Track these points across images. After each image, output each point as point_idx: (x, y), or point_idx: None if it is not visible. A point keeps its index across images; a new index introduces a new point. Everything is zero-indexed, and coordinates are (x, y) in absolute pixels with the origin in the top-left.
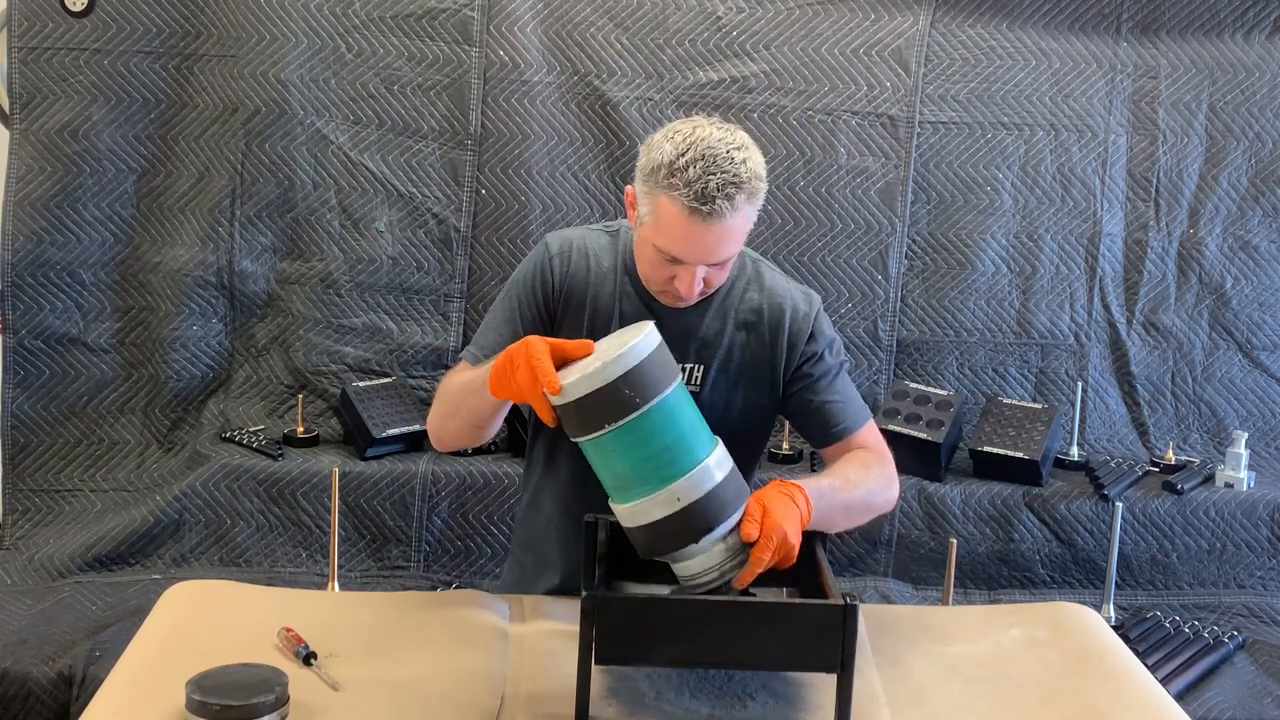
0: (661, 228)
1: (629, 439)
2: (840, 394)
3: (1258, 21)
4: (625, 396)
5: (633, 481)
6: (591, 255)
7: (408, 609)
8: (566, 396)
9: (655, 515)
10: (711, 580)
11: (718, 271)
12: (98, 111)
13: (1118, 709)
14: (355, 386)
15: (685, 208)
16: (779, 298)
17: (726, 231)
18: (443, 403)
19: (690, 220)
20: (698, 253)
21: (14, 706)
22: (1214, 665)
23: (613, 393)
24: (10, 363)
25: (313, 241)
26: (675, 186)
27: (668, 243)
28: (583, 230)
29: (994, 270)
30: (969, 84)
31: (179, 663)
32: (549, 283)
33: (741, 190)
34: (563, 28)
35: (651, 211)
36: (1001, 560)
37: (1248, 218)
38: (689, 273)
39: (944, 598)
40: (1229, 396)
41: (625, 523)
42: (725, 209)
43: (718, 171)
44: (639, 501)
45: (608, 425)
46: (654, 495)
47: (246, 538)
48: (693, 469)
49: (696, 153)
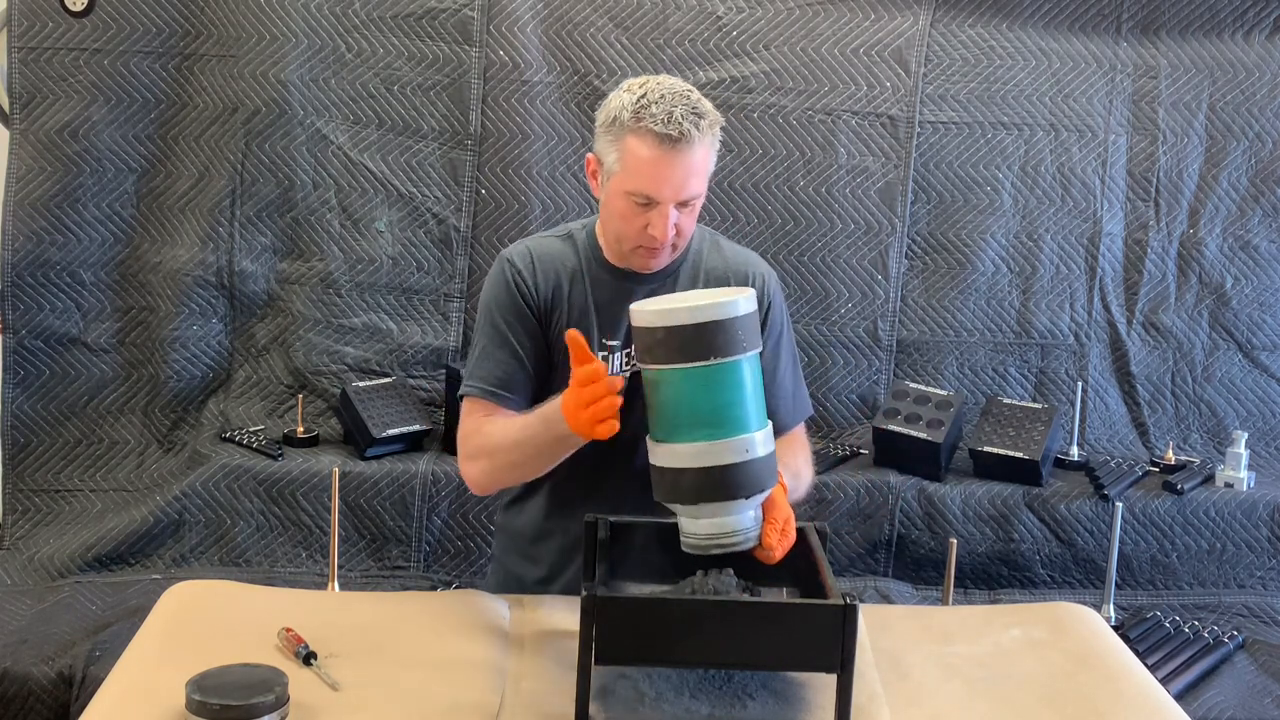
0: (631, 169)
1: (720, 378)
2: (786, 387)
3: (1258, 21)
4: (736, 337)
5: (697, 423)
6: (553, 258)
7: (408, 609)
8: (693, 318)
9: (702, 462)
10: (713, 547)
11: (687, 217)
12: (98, 111)
13: (1118, 709)
14: (355, 386)
15: (656, 137)
16: (743, 265)
17: (693, 163)
18: (495, 456)
19: (660, 150)
20: (669, 186)
21: (14, 706)
22: (1214, 665)
23: (728, 328)
24: (10, 363)
25: (313, 241)
26: (642, 120)
27: (639, 182)
28: (533, 239)
29: (994, 270)
30: (969, 84)
31: (179, 663)
32: (528, 293)
33: (703, 119)
34: (563, 28)
35: (620, 159)
36: (1001, 560)
37: (1248, 218)
38: (662, 214)
39: (944, 598)
40: (1229, 396)
41: (663, 461)
42: (692, 134)
43: (680, 104)
44: (674, 446)
45: (713, 358)
46: (709, 443)
47: (246, 538)
48: (753, 432)
49: (656, 94)
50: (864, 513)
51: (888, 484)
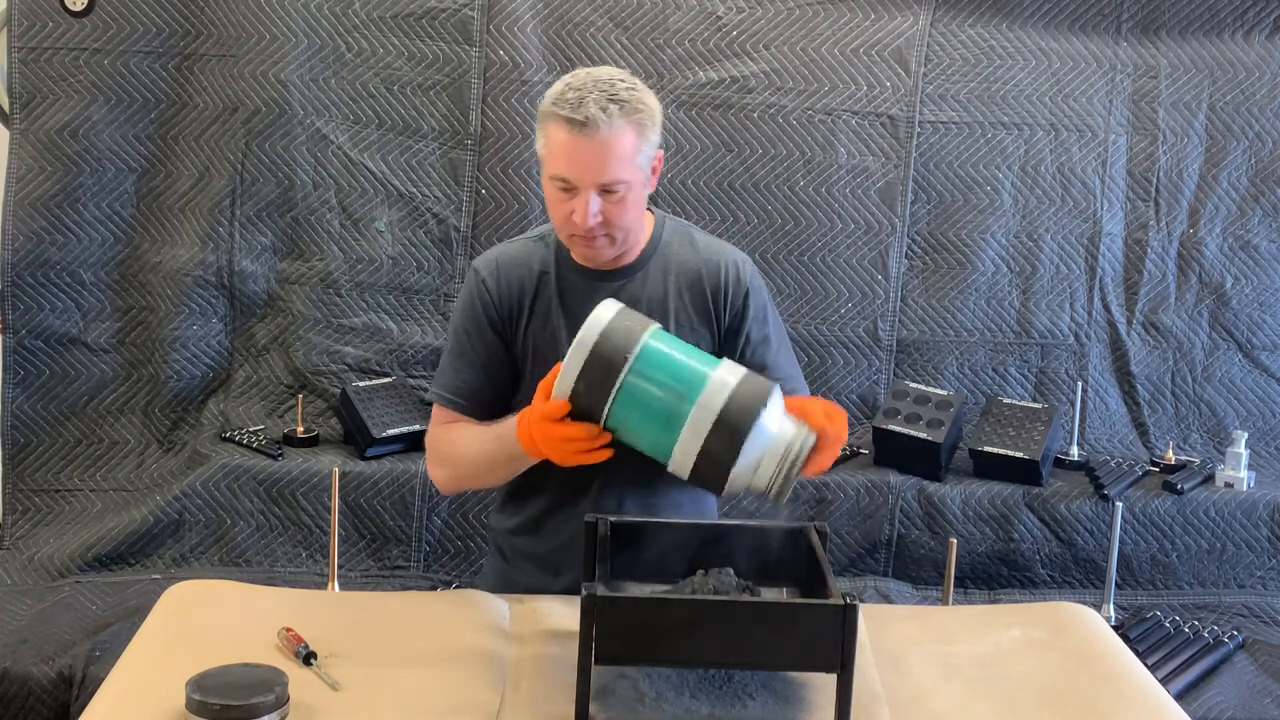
0: (550, 153)
1: (647, 371)
2: (783, 370)
3: (1258, 21)
4: (624, 333)
5: (663, 429)
6: (519, 264)
7: (408, 609)
8: (569, 393)
9: (700, 442)
10: (788, 471)
11: (615, 206)
12: (98, 111)
13: (1118, 709)
14: (355, 386)
15: (566, 122)
16: (715, 255)
17: (606, 147)
18: (457, 466)
19: (570, 135)
20: (581, 169)
21: (14, 706)
22: (1214, 665)
23: (611, 334)
24: (10, 363)
25: (313, 241)
26: (558, 106)
27: (556, 166)
28: (505, 245)
29: (994, 270)
30: (969, 84)
31: (179, 663)
32: (490, 305)
33: (618, 105)
34: (563, 28)
35: (545, 144)
36: (1001, 560)
37: (1248, 218)
38: (582, 199)
39: (944, 598)
40: (1229, 396)
41: (682, 471)
42: (600, 119)
43: (596, 91)
44: (680, 442)
45: (626, 363)
46: (686, 427)
47: (246, 538)
48: (712, 371)
49: (579, 81)
50: (864, 512)
51: (888, 484)
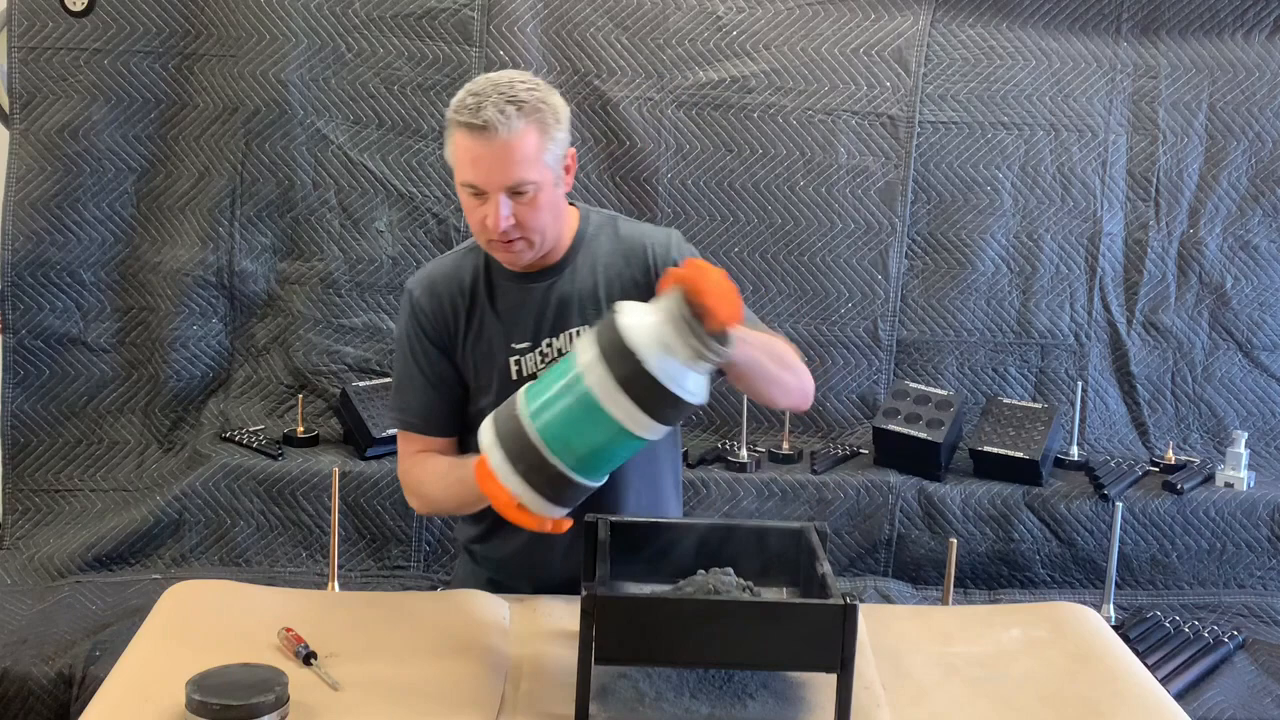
0: (457, 161)
1: (552, 425)
2: None
3: (1258, 21)
4: (517, 433)
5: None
6: (450, 279)
7: (408, 609)
8: (520, 485)
9: (616, 384)
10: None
11: (526, 208)
12: (98, 111)
13: (1118, 709)
14: (355, 386)
15: (466, 129)
16: (637, 239)
17: (507, 149)
18: (431, 504)
19: (472, 140)
20: (485, 173)
21: (14, 706)
22: (1214, 665)
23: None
24: (10, 363)
25: (313, 241)
26: (458, 113)
27: (463, 172)
28: (436, 261)
29: (994, 270)
30: (969, 84)
31: (179, 663)
32: (426, 324)
33: (516, 106)
34: (563, 28)
35: (451, 152)
36: (1001, 560)
37: (1248, 218)
38: (493, 204)
39: (944, 598)
40: (1229, 396)
41: (641, 422)
42: (497, 120)
43: (495, 94)
44: (611, 405)
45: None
46: (598, 391)
47: (246, 538)
48: (575, 357)
49: (479, 87)
50: (864, 512)
51: (888, 484)
